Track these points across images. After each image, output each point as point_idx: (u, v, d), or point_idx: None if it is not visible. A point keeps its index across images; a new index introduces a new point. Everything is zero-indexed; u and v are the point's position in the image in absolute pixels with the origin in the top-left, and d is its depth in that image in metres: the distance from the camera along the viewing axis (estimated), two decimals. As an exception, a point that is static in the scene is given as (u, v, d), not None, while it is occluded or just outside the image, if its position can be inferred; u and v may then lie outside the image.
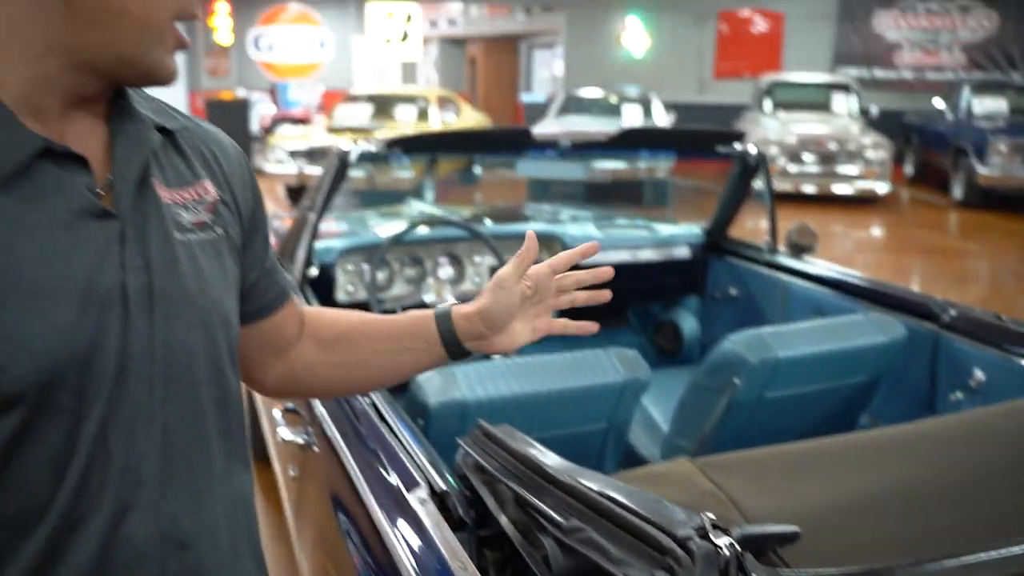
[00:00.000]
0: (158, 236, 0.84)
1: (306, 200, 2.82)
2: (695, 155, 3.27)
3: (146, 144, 0.86)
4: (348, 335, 1.12)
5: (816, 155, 10.25)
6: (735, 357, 2.10)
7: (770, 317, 2.92)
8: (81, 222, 0.79)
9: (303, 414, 1.91)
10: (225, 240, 0.93)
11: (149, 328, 0.82)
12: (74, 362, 0.77)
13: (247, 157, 1.02)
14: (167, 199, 0.87)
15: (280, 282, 1.07)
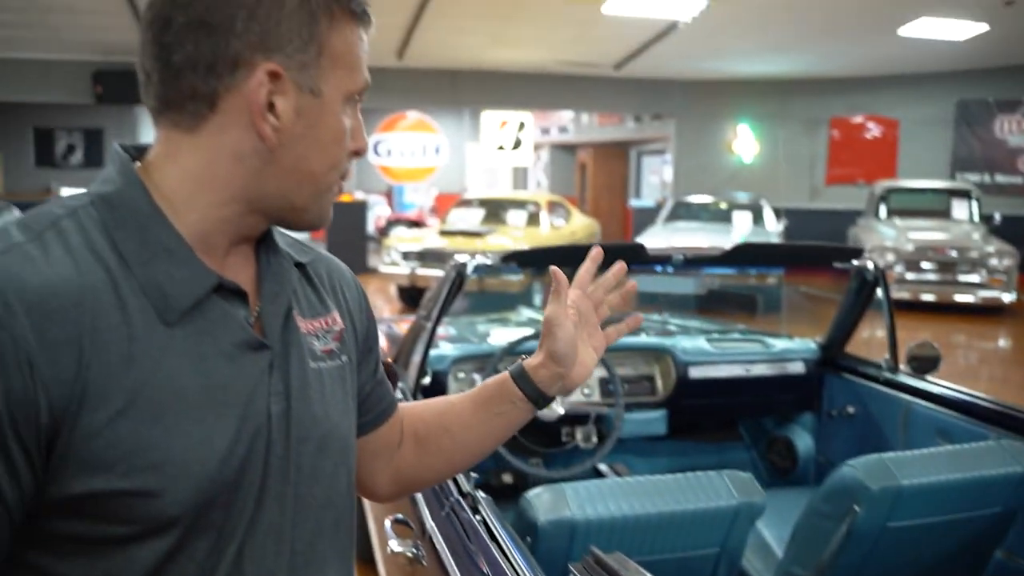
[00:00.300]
0: (297, 364, 0.90)
1: (422, 310, 2.90)
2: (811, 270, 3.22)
3: (289, 280, 0.93)
4: (440, 424, 1.16)
5: (935, 263, 9.92)
6: (855, 483, 2.02)
7: (891, 439, 2.80)
8: (241, 353, 0.85)
9: (413, 526, 1.93)
10: (348, 366, 0.99)
11: (285, 451, 0.87)
12: (227, 485, 0.82)
13: (362, 286, 1.09)
14: (303, 329, 0.93)
15: (388, 392, 1.13)
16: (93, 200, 0.84)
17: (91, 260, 0.80)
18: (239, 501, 0.84)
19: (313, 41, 0.85)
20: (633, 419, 2.98)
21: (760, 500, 1.92)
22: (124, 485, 0.77)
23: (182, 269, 0.83)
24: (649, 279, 3.46)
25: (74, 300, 0.77)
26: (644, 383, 3.06)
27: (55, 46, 11.60)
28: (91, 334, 0.77)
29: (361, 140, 0.93)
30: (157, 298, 0.81)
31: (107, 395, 0.77)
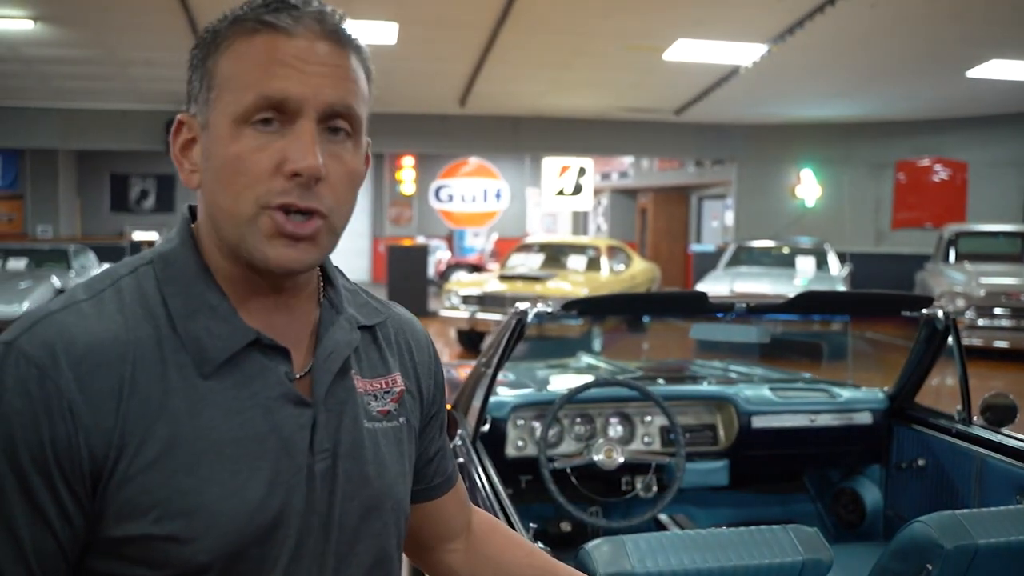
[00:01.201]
0: (349, 423, 0.91)
1: (482, 356, 2.91)
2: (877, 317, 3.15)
3: (348, 344, 0.94)
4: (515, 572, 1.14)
5: (1009, 308, 9.63)
6: (927, 541, 1.95)
7: (964, 495, 2.71)
8: (279, 407, 0.87)
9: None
10: (406, 428, 0.99)
11: (328, 508, 0.88)
12: (258, 537, 0.83)
13: (435, 347, 1.10)
14: (360, 389, 0.94)
15: (448, 468, 1.12)
16: (154, 259, 0.89)
17: (141, 316, 0.84)
18: (272, 554, 0.84)
19: (204, 80, 0.87)
20: (694, 469, 2.93)
21: (827, 557, 1.86)
22: (157, 530, 0.80)
23: (221, 324, 0.86)
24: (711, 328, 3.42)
25: (118, 354, 0.81)
26: (706, 432, 3.02)
27: (132, 96, 12.08)
28: (131, 385, 0.81)
29: (298, 160, 0.82)
30: (196, 351, 0.84)
31: (143, 443, 0.80)
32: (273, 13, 0.84)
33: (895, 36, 8.55)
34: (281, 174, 0.83)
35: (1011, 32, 8.19)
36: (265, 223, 0.83)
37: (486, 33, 8.67)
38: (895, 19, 7.94)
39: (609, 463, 2.73)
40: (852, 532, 3.09)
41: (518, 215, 20.38)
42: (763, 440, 3.01)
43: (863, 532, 3.04)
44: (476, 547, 1.15)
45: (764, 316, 2.92)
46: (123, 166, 18.33)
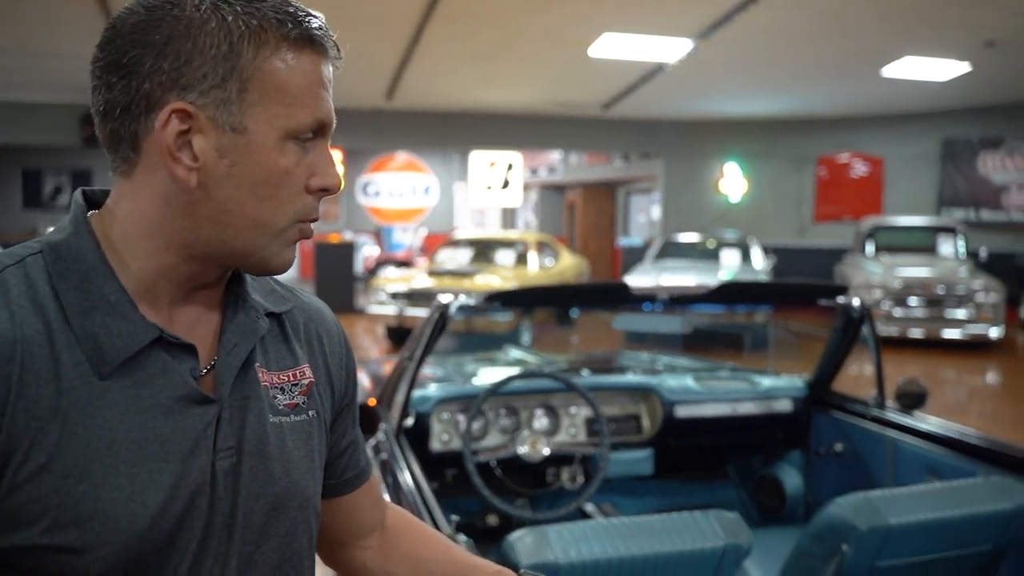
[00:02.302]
0: (254, 419, 0.87)
1: (405, 350, 2.87)
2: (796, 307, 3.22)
3: (254, 333, 0.90)
4: (432, 567, 1.11)
5: (923, 299, 9.96)
6: (842, 523, 1.99)
7: (879, 477, 2.78)
8: (182, 407, 0.82)
9: None
10: (316, 421, 0.94)
11: (231, 508, 0.84)
12: (158, 543, 0.79)
13: (347, 337, 1.05)
14: (266, 382, 0.90)
15: (361, 462, 1.08)
16: (43, 249, 0.83)
17: (30, 311, 0.78)
18: (173, 559, 0.80)
19: (234, 75, 0.79)
20: (619, 459, 2.95)
21: (747, 541, 1.89)
22: (47, 541, 0.75)
23: (120, 322, 0.80)
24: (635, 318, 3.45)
25: (5, 354, 0.76)
26: (630, 422, 3.03)
27: (44, 89, 11.65)
28: (18, 387, 0.76)
29: (327, 177, 0.86)
30: (92, 350, 0.79)
31: (32, 448, 0.75)
32: (316, 30, 0.84)
33: (817, 34, 8.75)
34: (307, 189, 0.85)
35: (924, 27, 8.45)
36: (293, 234, 0.86)
37: (412, 26, 8.60)
38: (817, 17, 8.13)
39: (534, 455, 2.73)
40: (774, 517, 3.15)
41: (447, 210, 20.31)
42: (687, 429, 3.05)
43: (784, 517, 3.10)
44: (391, 544, 1.12)
45: (686, 306, 2.95)
46: (35, 161, 17.71)
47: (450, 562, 1.12)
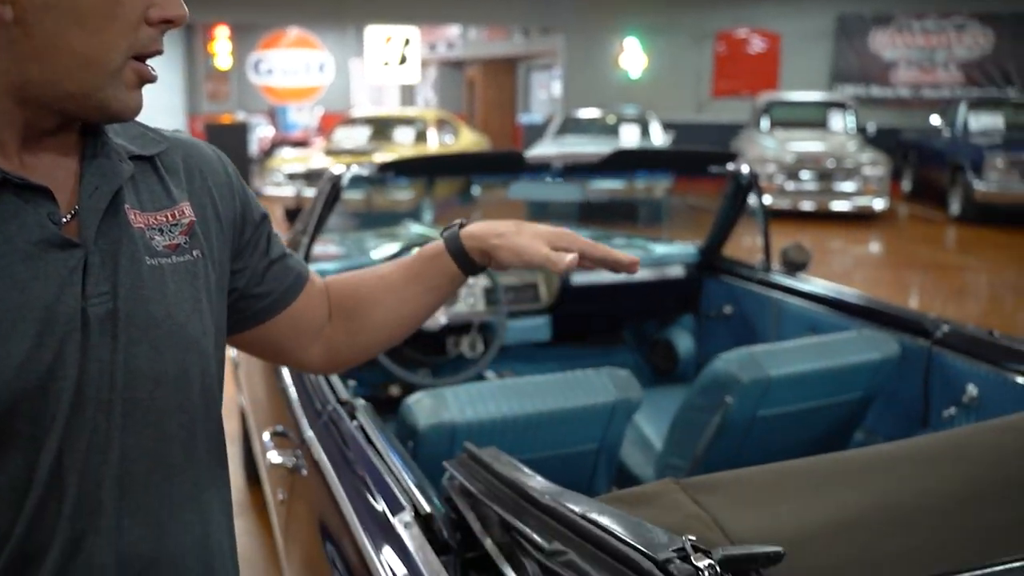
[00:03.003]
0: (128, 262, 0.84)
1: (299, 223, 2.82)
2: (688, 175, 3.28)
3: (117, 175, 0.85)
4: (370, 298, 1.12)
5: (814, 173, 10.28)
6: (727, 376, 2.09)
7: (764, 335, 2.91)
8: (41, 252, 0.78)
9: (291, 437, 1.91)
10: (202, 261, 0.91)
11: (111, 355, 0.81)
12: (29, 392, 0.77)
13: (231, 164, 1.02)
14: (140, 224, 0.86)
15: (295, 267, 1.07)
16: None
17: None
18: (49, 409, 0.78)
19: None
20: (517, 326, 3.00)
21: (636, 395, 1.97)
22: None
23: None
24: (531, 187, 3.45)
25: None
26: (527, 291, 3.08)
27: None
28: None
29: (169, 6, 0.81)
30: None
31: None
32: None
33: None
34: (148, 21, 0.79)
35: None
36: (130, 76, 0.81)
37: None
38: None
39: (433, 324, 2.75)
40: (667, 378, 3.28)
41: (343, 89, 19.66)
42: (583, 296, 3.11)
43: (677, 377, 3.23)
44: (338, 315, 1.12)
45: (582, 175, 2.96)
46: None
47: (383, 279, 1.12)
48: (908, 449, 1.36)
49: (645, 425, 2.66)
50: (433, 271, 1.10)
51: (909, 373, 2.36)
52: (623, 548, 0.95)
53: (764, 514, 1.12)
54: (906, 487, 1.22)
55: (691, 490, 1.16)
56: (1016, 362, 2.11)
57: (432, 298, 1.13)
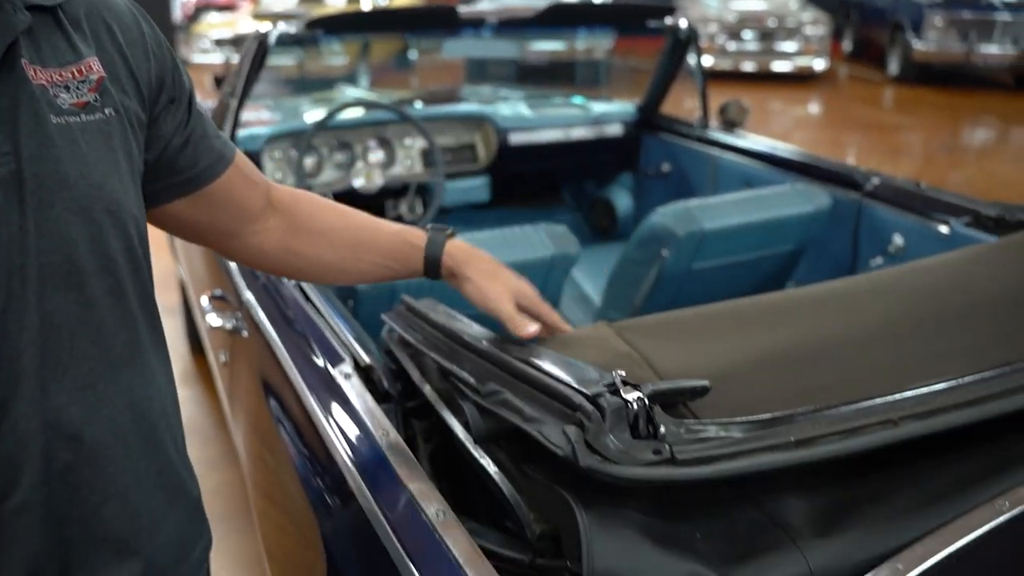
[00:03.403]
0: (30, 120, 0.79)
1: (226, 86, 2.72)
2: (626, 30, 3.22)
3: (11, 27, 0.79)
4: (330, 234, 1.11)
5: (756, 32, 10.19)
6: (662, 230, 2.12)
7: (701, 191, 2.94)
8: None
9: (231, 300, 1.90)
10: (116, 119, 0.87)
11: (20, 218, 0.78)
12: None
13: (150, 21, 0.95)
14: (42, 80, 0.81)
15: (216, 147, 1.01)
16: None
17: None
18: None
19: None
20: (456, 187, 2.99)
21: (574, 250, 1.99)
22: None
23: None
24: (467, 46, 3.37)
25: None
26: (465, 152, 3.05)
27: None
28: None
29: None
30: None
31: None
32: None
33: None
34: None
35: None
36: None
37: None
38: None
39: (369, 187, 2.72)
40: (607, 236, 3.31)
41: (271, -52, 18.64)
42: (521, 156, 3.09)
43: (616, 236, 3.26)
44: (283, 221, 1.10)
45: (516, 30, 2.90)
46: None
47: (347, 227, 1.12)
48: (832, 290, 1.41)
49: (584, 282, 2.71)
50: (400, 256, 1.14)
51: (839, 225, 2.42)
52: (555, 385, 0.98)
53: (693, 352, 1.16)
54: (829, 325, 1.27)
55: (623, 332, 1.19)
56: (941, 212, 2.18)
57: (382, 273, 1.16)
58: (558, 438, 0.92)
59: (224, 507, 2.63)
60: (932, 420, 1.01)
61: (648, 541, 0.89)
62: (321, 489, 1.26)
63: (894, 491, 1.04)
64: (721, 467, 0.89)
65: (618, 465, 0.87)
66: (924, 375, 1.07)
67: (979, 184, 6.23)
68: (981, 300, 1.36)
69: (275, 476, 1.53)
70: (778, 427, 0.95)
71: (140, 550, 0.90)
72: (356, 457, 1.17)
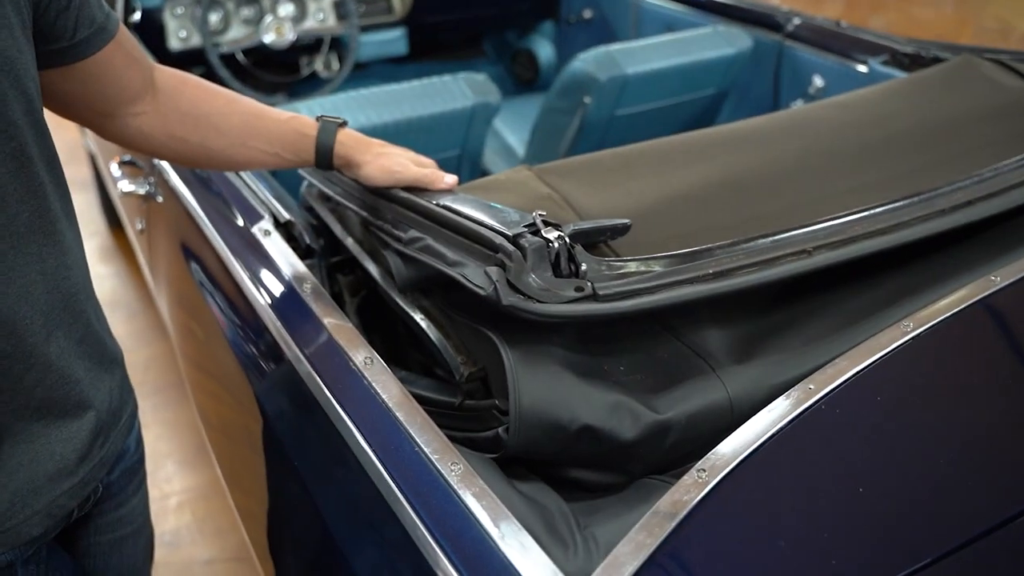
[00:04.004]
0: None
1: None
2: None
3: None
4: (216, 119, 1.06)
5: None
6: (584, 76, 2.09)
7: (623, 37, 2.89)
8: None
9: (142, 165, 1.83)
10: None
11: None
12: None
13: None
14: None
15: (98, 19, 0.94)
16: None
17: None
18: None
19: None
20: (372, 40, 2.88)
21: (495, 99, 1.95)
22: None
23: None
24: None
25: None
26: (379, 2, 2.92)
27: None
28: None
29: None
30: None
31: None
32: None
33: None
34: None
35: None
36: None
37: None
38: None
39: (280, 41, 2.60)
40: (530, 88, 3.25)
41: None
42: (438, 5, 2.98)
43: (540, 87, 3.21)
44: (167, 104, 1.04)
45: None
46: None
47: (235, 113, 1.07)
48: (751, 128, 1.42)
49: (508, 134, 2.67)
50: (290, 144, 1.10)
51: (761, 67, 2.41)
52: (476, 228, 0.97)
53: (614, 192, 1.16)
54: (748, 161, 1.28)
55: (544, 174, 1.19)
56: (860, 51, 2.18)
57: (272, 161, 1.11)
58: (481, 279, 0.92)
59: (157, 380, 2.62)
60: (844, 249, 1.04)
61: (573, 375, 0.92)
62: (250, 349, 1.25)
63: (808, 319, 1.09)
64: (642, 301, 0.91)
65: (541, 303, 0.88)
66: (840, 207, 1.10)
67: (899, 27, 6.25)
68: (895, 134, 1.39)
69: (203, 342, 1.52)
70: (698, 261, 0.97)
71: (68, 414, 0.89)
72: (282, 313, 1.16)
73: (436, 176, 1.12)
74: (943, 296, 1.04)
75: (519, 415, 0.88)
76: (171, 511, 2.20)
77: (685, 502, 0.79)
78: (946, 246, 1.16)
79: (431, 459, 0.86)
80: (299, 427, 1.08)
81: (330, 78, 2.74)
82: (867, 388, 0.93)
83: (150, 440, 2.34)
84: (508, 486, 0.87)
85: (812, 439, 0.87)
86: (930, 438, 0.90)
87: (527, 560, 0.76)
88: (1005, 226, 1.21)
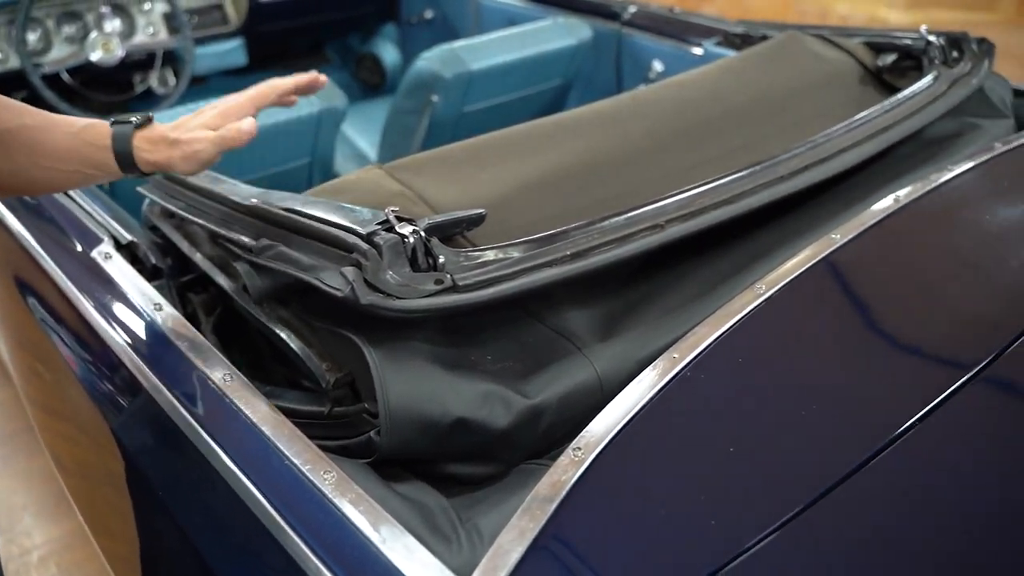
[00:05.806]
0: None
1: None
2: None
3: None
4: (25, 146, 0.95)
5: None
6: (429, 75, 2.08)
7: (465, 34, 2.89)
8: None
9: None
10: None
11: None
12: None
13: None
14: None
15: None
16: None
17: None
18: None
19: None
20: (207, 52, 2.77)
21: (341, 103, 1.92)
22: None
23: None
24: None
25: None
26: (213, 13, 2.82)
27: None
28: None
29: None
30: None
31: None
32: None
33: None
34: None
35: None
36: None
37: None
38: None
39: (109, 58, 2.48)
40: (377, 92, 3.22)
41: None
42: (275, 13, 2.90)
43: (387, 90, 3.18)
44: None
45: None
46: None
47: (22, 128, 0.96)
48: (596, 112, 1.44)
49: (359, 139, 2.63)
50: (88, 159, 0.97)
51: (602, 56, 2.46)
52: (329, 230, 0.95)
53: (467, 184, 1.16)
54: (596, 144, 1.30)
55: (395, 172, 1.17)
56: (694, 35, 2.26)
57: (75, 180, 1.00)
58: (337, 281, 0.90)
59: (4, 428, 2.44)
60: (694, 221, 1.07)
61: (441, 369, 0.90)
62: (102, 384, 1.18)
63: (667, 291, 1.11)
64: (502, 288, 0.91)
65: (401, 299, 0.87)
66: (687, 181, 1.13)
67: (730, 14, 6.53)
68: (732, 108, 1.44)
69: (51, 383, 1.42)
70: (554, 244, 0.98)
71: None
72: (132, 341, 1.09)
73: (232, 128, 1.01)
74: (790, 257, 1.09)
75: (389, 415, 0.86)
76: (33, 566, 2.06)
77: (563, 482, 0.79)
78: (789, 211, 1.21)
79: (302, 470, 0.83)
80: (163, 459, 1.03)
81: (167, 94, 2.63)
82: (728, 351, 0.96)
83: (3, 494, 2.18)
84: (386, 489, 0.85)
85: (681, 406, 0.89)
86: (791, 391, 0.93)
87: (412, 562, 0.74)
88: (840, 187, 1.27)
